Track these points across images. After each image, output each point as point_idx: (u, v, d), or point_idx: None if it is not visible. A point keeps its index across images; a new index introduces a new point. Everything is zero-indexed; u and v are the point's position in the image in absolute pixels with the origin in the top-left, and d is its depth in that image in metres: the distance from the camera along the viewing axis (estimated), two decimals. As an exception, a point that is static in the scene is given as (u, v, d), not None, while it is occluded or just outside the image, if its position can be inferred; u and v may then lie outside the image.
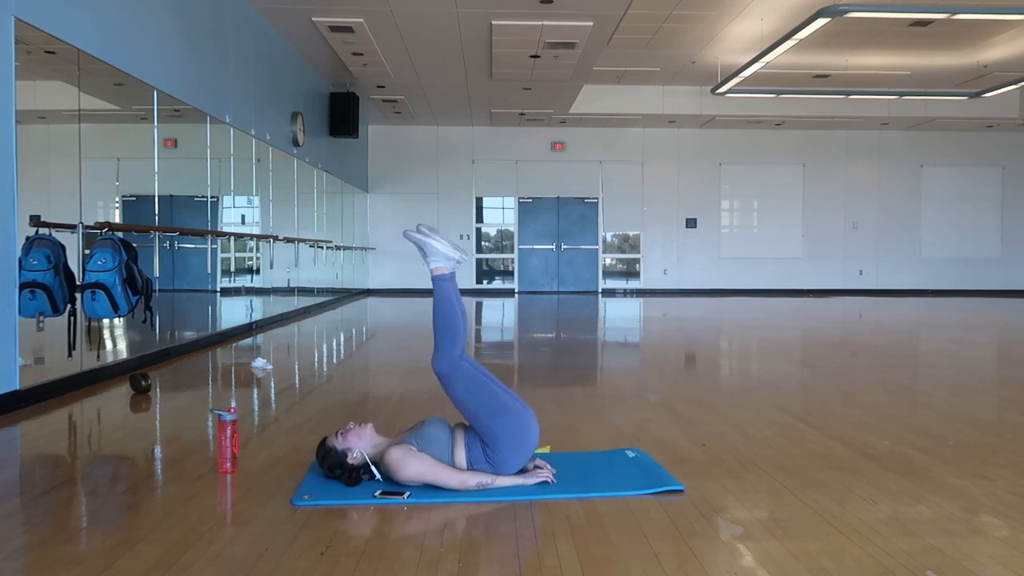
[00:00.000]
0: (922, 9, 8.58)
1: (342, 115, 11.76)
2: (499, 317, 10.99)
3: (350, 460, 2.75)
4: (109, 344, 5.63)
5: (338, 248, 12.64)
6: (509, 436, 2.76)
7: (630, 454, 3.22)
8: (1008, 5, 8.46)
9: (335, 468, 2.77)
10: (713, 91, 12.40)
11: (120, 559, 2.16)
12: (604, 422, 3.90)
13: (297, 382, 5.30)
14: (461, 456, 2.79)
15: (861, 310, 12.14)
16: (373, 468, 2.76)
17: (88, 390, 4.77)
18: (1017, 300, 14.73)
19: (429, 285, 3.06)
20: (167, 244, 6.28)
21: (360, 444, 2.77)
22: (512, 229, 16.17)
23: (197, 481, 2.89)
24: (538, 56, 10.05)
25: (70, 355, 4.68)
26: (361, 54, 10.03)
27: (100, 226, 4.95)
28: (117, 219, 5.73)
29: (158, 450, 3.41)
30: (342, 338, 8.18)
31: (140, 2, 5.67)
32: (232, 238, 7.97)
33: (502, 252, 16.29)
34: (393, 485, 2.73)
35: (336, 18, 8.61)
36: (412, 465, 2.69)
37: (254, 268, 8.79)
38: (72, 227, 4.77)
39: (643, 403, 4.41)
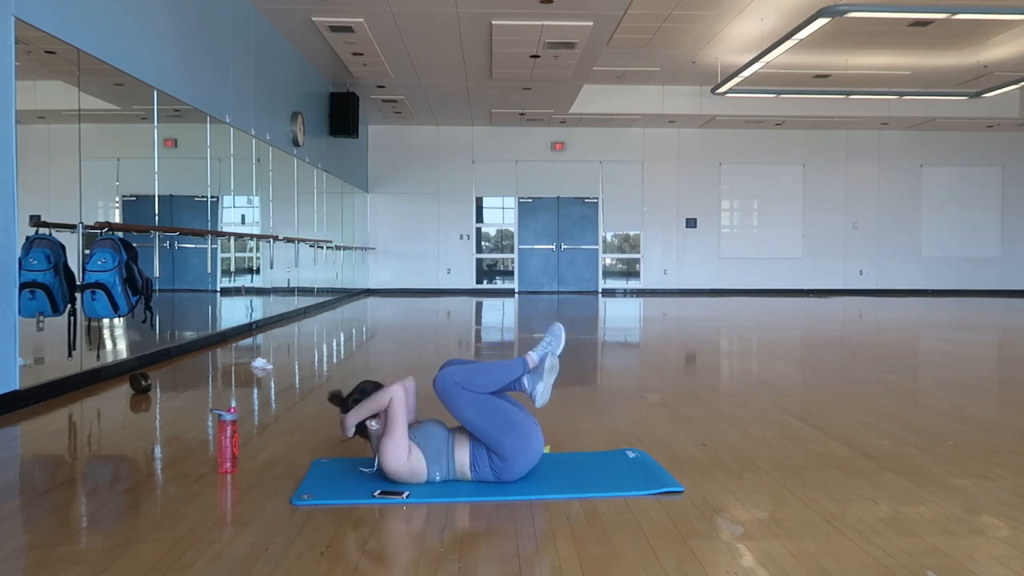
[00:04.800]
0: (922, 9, 8.58)
1: (342, 115, 11.75)
2: (499, 317, 10.99)
3: (371, 427, 2.84)
4: (109, 344, 5.63)
5: (338, 248, 12.64)
6: (518, 447, 2.78)
7: (630, 454, 3.22)
8: (1008, 5, 8.46)
9: (359, 389, 2.88)
10: (713, 91, 12.40)
11: (120, 559, 2.16)
12: (604, 422, 3.90)
13: (297, 382, 5.30)
14: (463, 458, 2.80)
15: (861, 310, 12.14)
16: (351, 433, 2.84)
17: (88, 390, 4.77)
18: (1017, 300, 14.73)
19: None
20: (167, 244, 6.28)
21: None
22: (512, 229, 16.17)
23: (197, 481, 2.89)
24: (538, 56, 10.05)
25: (70, 355, 4.68)
26: (361, 54, 10.03)
27: (100, 226, 4.94)
28: (117, 219, 5.72)
29: (158, 450, 3.41)
30: (342, 338, 8.18)
31: (140, 2, 5.67)
32: (232, 238, 7.97)
33: (502, 252, 16.29)
34: (391, 484, 2.74)
35: (336, 18, 8.61)
36: (397, 451, 2.73)
37: (254, 268, 8.79)
38: (72, 227, 4.76)
39: (643, 403, 4.41)
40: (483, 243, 16.24)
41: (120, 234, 4.94)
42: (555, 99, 12.88)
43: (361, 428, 2.83)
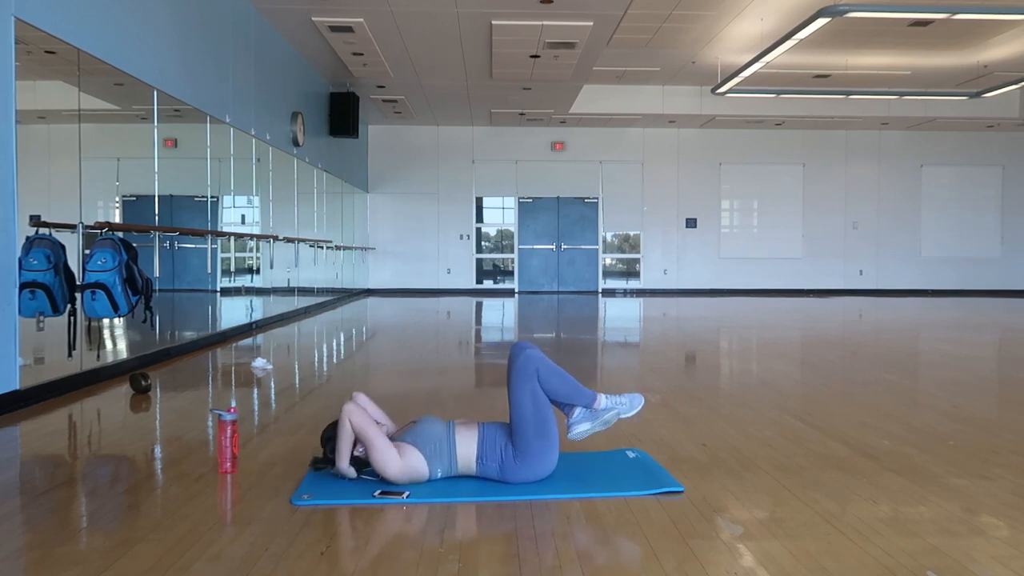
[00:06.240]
0: (922, 9, 8.58)
1: (342, 115, 11.75)
2: (499, 317, 10.99)
3: (356, 452, 2.82)
4: (109, 344, 5.63)
5: (338, 248, 12.64)
6: (539, 457, 2.80)
7: (630, 454, 3.22)
8: (1008, 5, 8.46)
9: (323, 440, 2.88)
10: (713, 91, 12.40)
11: (120, 559, 2.16)
12: (604, 422, 3.89)
13: (297, 382, 5.30)
14: (469, 450, 2.81)
15: (861, 310, 12.14)
16: (352, 473, 2.80)
17: (88, 390, 4.77)
18: (1017, 300, 14.73)
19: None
20: (167, 244, 6.28)
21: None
22: (512, 229, 16.17)
23: (197, 481, 2.89)
24: (538, 56, 10.05)
25: (70, 355, 4.68)
26: (361, 54, 10.03)
27: (100, 226, 4.95)
28: (117, 219, 5.72)
29: (158, 450, 3.41)
30: (342, 338, 8.18)
31: (140, 2, 5.67)
32: (232, 238, 7.97)
33: (502, 252, 16.29)
34: (392, 485, 2.74)
35: (336, 18, 8.61)
36: (386, 456, 2.72)
37: (254, 268, 8.79)
38: (72, 227, 4.76)
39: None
40: (483, 243, 16.24)
41: (120, 234, 4.94)
42: (555, 99, 12.88)
43: (355, 462, 2.83)
